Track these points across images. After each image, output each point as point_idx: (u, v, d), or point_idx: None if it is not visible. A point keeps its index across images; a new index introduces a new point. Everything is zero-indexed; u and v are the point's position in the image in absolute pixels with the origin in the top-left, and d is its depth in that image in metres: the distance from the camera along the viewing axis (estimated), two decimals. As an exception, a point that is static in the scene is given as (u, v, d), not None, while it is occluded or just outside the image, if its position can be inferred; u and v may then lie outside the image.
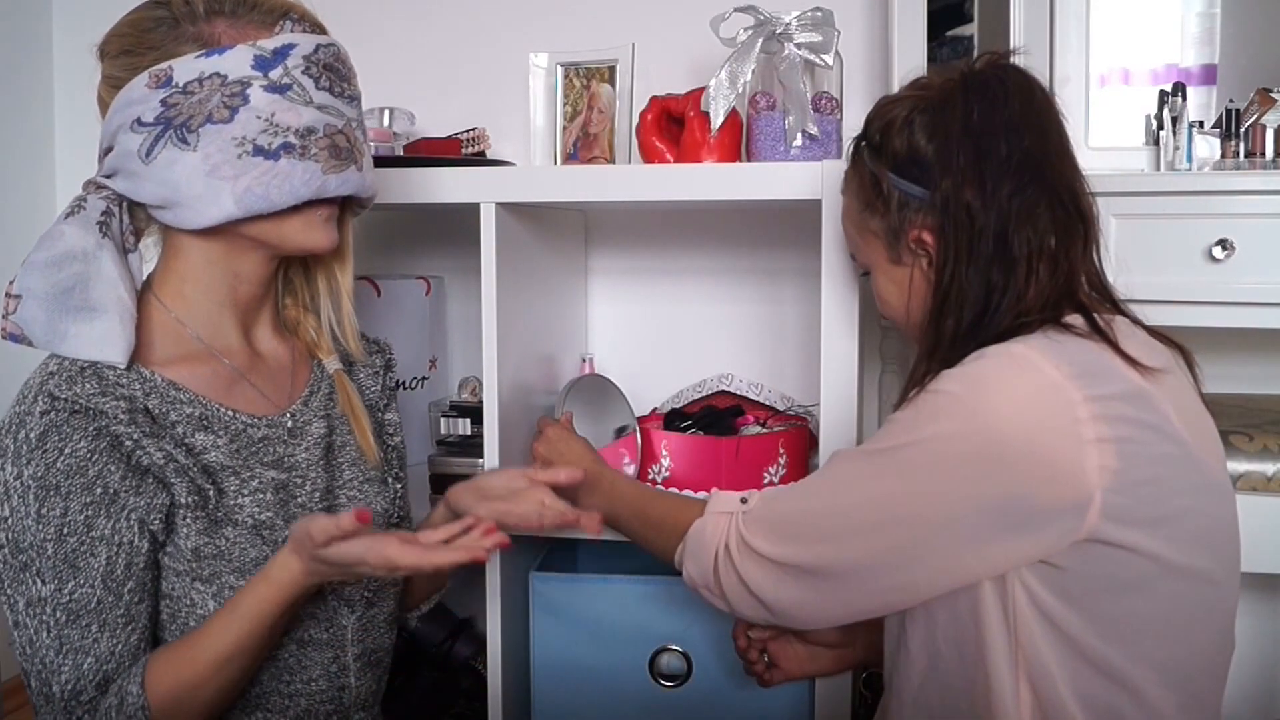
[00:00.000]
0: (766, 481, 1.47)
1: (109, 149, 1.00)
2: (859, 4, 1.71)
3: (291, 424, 1.09)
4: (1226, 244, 1.22)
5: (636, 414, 1.55)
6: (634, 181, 1.35)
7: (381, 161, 1.43)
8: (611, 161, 1.57)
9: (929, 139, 0.97)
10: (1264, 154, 1.46)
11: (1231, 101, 1.51)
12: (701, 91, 1.38)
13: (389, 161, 1.49)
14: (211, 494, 0.99)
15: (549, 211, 1.58)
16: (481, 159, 1.65)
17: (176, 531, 0.97)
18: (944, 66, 1.04)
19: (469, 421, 1.65)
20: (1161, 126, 1.56)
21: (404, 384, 1.67)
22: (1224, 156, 1.50)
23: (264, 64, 0.96)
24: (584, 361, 1.74)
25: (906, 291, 1.02)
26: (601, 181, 1.37)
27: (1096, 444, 0.84)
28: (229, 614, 0.94)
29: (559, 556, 1.63)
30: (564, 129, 1.63)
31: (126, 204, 1.01)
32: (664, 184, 1.33)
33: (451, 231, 1.83)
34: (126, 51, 0.98)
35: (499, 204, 1.35)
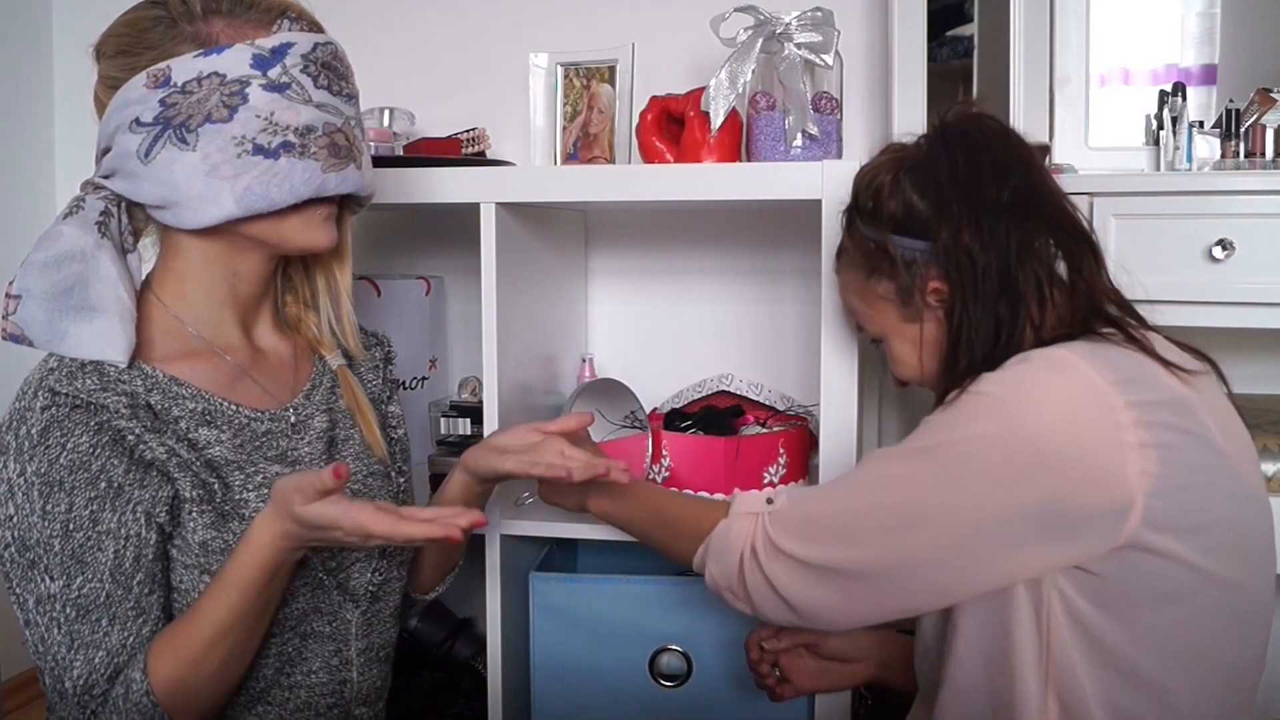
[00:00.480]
0: (766, 482, 1.47)
1: (107, 149, 1.00)
2: (859, 4, 1.71)
3: (294, 418, 1.09)
4: (1226, 244, 1.22)
5: (637, 414, 1.55)
6: (634, 181, 1.35)
7: (381, 161, 1.43)
8: (611, 161, 1.57)
9: (921, 195, 0.99)
10: (1264, 154, 1.46)
11: (1231, 101, 1.51)
12: (701, 91, 1.38)
13: (389, 161, 1.49)
14: (217, 488, 0.99)
15: (549, 211, 1.58)
16: (481, 159, 1.65)
17: (183, 525, 0.97)
18: (903, 137, 1.08)
19: (469, 421, 1.65)
20: (1161, 126, 1.56)
21: (404, 384, 1.67)
22: (1224, 156, 1.50)
23: (262, 63, 0.96)
24: (584, 362, 1.74)
25: (920, 346, 1.03)
26: (601, 181, 1.37)
27: (1138, 449, 0.84)
28: (217, 586, 0.94)
29: (559, 556, 1.63)
30: (564, 129, 1.63)
31: (125, 204, 1.01)
32: (664, 184, 1.33)
33: (451, 231, 1.83)
34: (123, 52, 0.98)
35: (499, 204, 1.35)
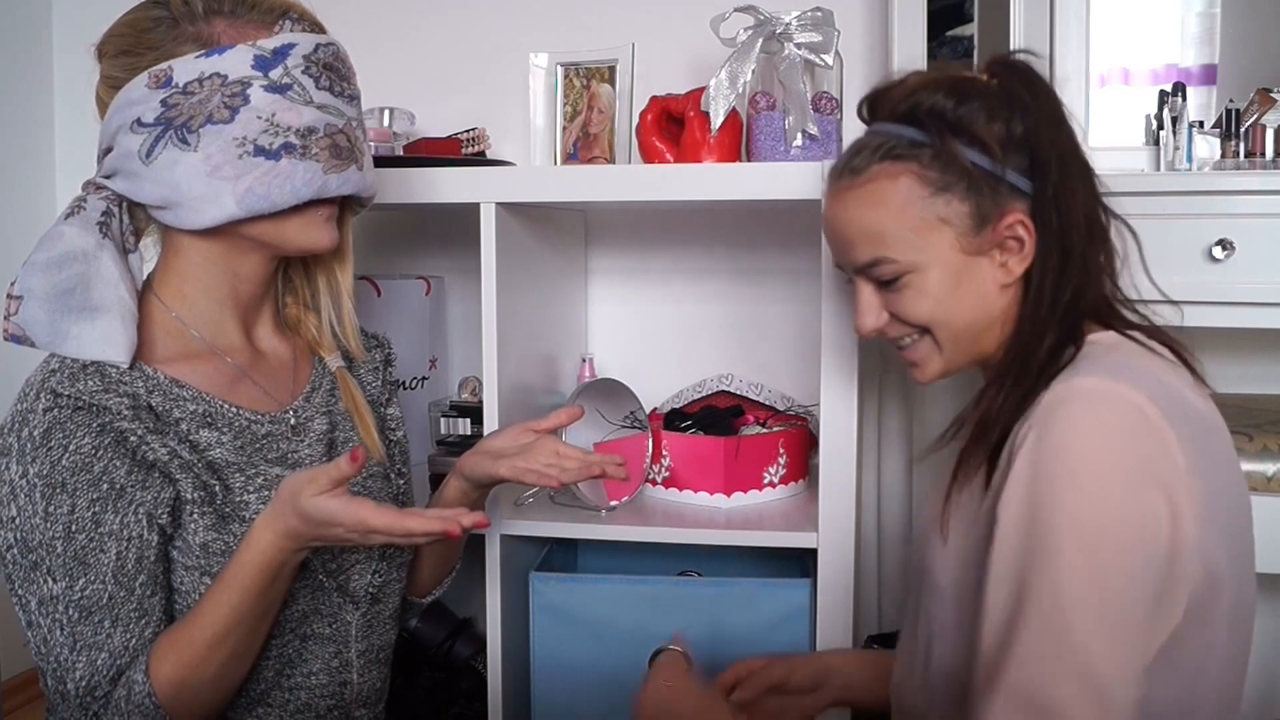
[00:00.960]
0: (766, 482, 1.47)
1: (108, 149, 1.00)
2: (859, 4, 1.71)
3: (294, 420, 1.09)
4: (1226, 244, 1.22)
5: (637, 414, 1.55)
6: (634, 181, 1.35)
7: (381, 161, 1.43)
8: (611, 161, 1.57)
9: (1014, 123, 0.90)
10: (1264, 154, 1.46)
11: (1231, 101, 1.51)
12: (701, 91, 1.38)
13: (389, 161, 1.49)
14: (218, 490, 0.99)
15: (549, 211, 1.58)
16: (481, 159, 1.65)
17: (184, 526, 0.97)
18: (949, 65, 1.00)
19: (469, 421, 1.65)
20: (1161, 126, 1.56)
21: (404, 384, 1.67)
22: (1224, 156, 1.50)
23: (264, 64, 0.96)
24: (584, 362, 1.74)
25: (959, 285, 0.92)
26: (601, 181, 1.37)
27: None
28: (219, 587, 0.94)
29: (559, 556, 1.63)
30: (564, 129, 1.63)
31: (126, 204, 1.01)
32: (664, 184, 1.33)
33: (451, 231, 1.83)
34: (125, 52, 0.98)
35: (499, 204, 1.35)
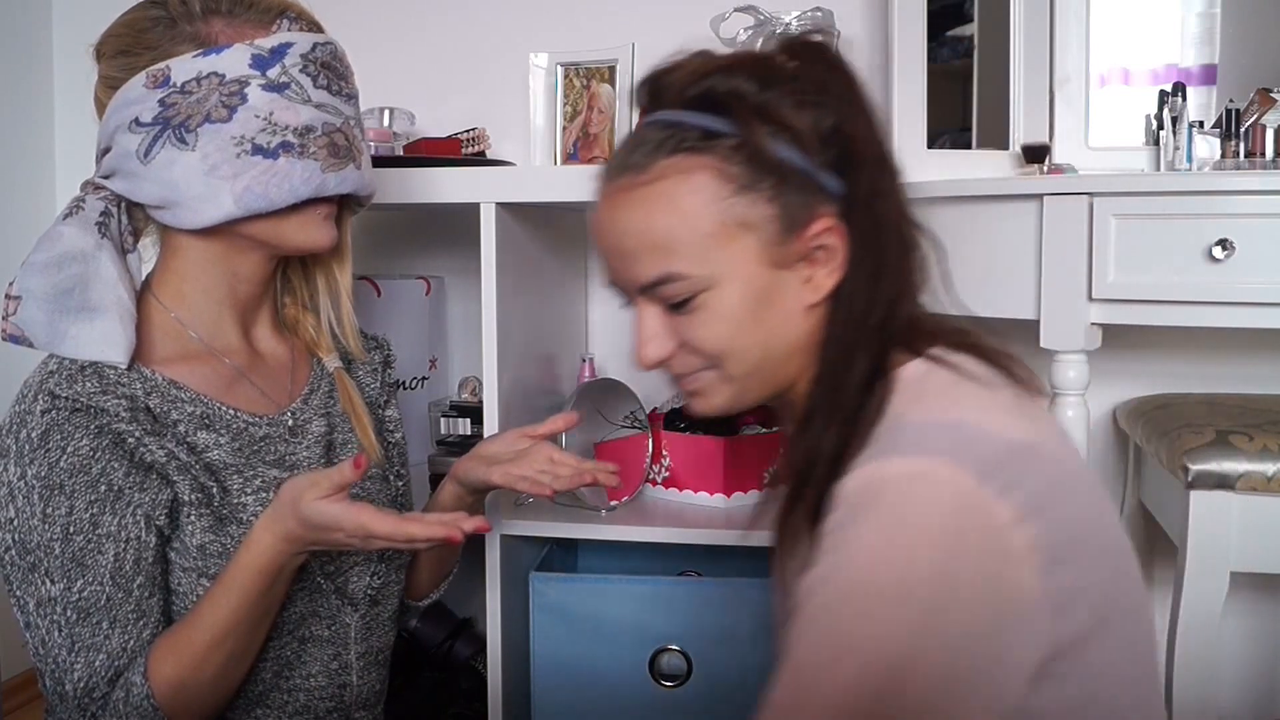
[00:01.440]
0: (766, 482, 1.47)
1: (107, 149, 1.00)
2: (859, 4, 1.71)
3: (292, 422, 1.09)
4: (1226, 244, 1.22)
5: (636, 414, 1.55)
6: (633, 181, 1.35)
7: (381, 161, 1.43)
8: (611, 161, 1.57)
9: (824, 113, 0.77)
10: (1264, 154, 1.46)
11: (1231, 101, 1.51)
12: (701, 91, 1.37)
13: (389, 161, 1.49)
14: (216, 491, 0.99)
15: (549, 212, 1.58)
16: (481, 159, 1.65)
17: (182, 528, 0.97)
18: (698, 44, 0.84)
19: (469, 421, 1.65)
20: (1161, 126, 1.56)
21: (404, 384, 1.67)
22: (1224, 156, 1.50)
23: (262, 63, 0.96)
24: (584, 362, 1.74)
25: (757, 304, 0.78)
26: (601, 181, 1.36)
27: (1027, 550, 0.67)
28: (218, 589, 0.94)
29: (559, 556, 1.63)
30: (564, 129, 1.63)
31: (125, 204, 1.01)
32: (663, 184, 1.33)
33: (451, 231, 1.83)
34: (123, 52, 0.98)
35: (499, 204, 1.35)
